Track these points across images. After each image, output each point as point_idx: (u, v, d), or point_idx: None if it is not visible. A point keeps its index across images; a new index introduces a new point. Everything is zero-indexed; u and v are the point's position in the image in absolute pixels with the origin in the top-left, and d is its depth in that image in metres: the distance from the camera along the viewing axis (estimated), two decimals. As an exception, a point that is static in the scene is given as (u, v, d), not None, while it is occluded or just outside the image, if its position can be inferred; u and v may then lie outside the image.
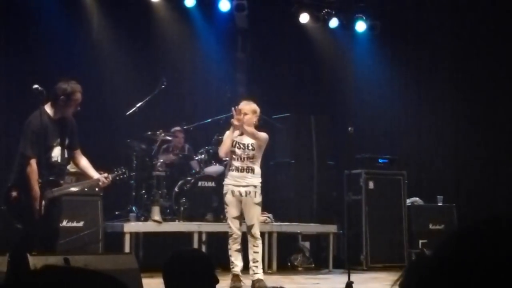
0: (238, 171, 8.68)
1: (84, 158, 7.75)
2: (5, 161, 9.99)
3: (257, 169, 8.75)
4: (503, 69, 12.21)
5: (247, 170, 8.71)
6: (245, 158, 8.70)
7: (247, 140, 8.71)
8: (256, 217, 8.79)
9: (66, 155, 7.52)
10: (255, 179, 8.71)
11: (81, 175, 9.93)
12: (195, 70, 12.75)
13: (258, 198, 8.71)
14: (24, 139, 7.38)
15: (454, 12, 12.62)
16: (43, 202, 7.22)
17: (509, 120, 12.08)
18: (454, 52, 12.60)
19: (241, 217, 8.70)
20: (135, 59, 12.00)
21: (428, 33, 12.80)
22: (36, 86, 7.31)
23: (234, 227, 8.64)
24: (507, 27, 12.07)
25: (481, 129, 12.32)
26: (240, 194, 8.66)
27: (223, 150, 8.72)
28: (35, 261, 5.84)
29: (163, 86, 11.13)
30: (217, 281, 3.81)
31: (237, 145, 8.69)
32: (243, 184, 8.67)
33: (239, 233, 8.64)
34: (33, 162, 7.27)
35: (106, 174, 7.68)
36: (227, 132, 8.80)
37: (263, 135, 8.72)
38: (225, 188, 8.74)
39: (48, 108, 7.46)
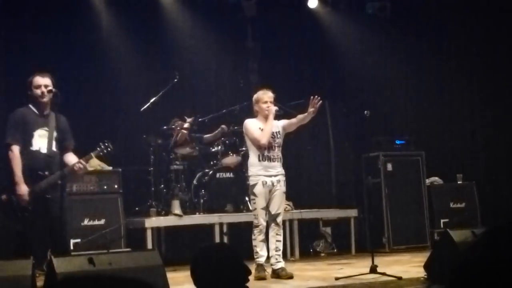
0: (269, 160, 8.69)
1: (72, 154, 7.75)
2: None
3: (282, 158, 8.79)
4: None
5: (277, 159, 8.73)
6: (275, 147, 8.72)
7: (275, 128, 8.73)
8: (283, 205, 8.84)
9: (55, 149, 7.55)
10: (282, 168, 8.76)
11: (100, 173, 10.03)
12: (207, 61, 12.71)
13: (285, 187, 8.76)
14: (6, 130, 7.57)
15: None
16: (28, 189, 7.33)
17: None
18: (469, 31, 12.48)
19: (267, 208, 8.70)
20: (145, 54, 11.98)
21: (442, 12, 12.68)
22: (50, 88, 7.35)
23: (261, 218, 8.64)
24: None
25: (498, 106, 12.23)
26: (272, 184, 8.66)
27: (266, 138, 8.69)
28: (59, 262, 5.85)
29: (175, 80, 11.12)
30: (249, 272, 3.78)
31: None
32: (274, 174, 8.70)
33: (265, 223, 8.66)
34: (15, 148, 7.44)
35: (78, 160, 7.64)
36: (255, 120, 8.79)
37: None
38: (254, 179, 8.70)
39: (32, 105, 7.64)
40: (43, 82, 7.53)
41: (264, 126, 8.69)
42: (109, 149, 7.86)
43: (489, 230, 1.51)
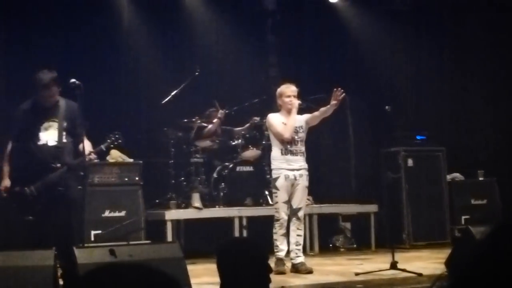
0: (292, 154, 8.69)
1: (86, 143, 7.71)
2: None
3: (305, 153, 8.78)
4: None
5: (300, 153, 8.72)
6: (298, 141, 8.71)
7: (298, 122, 8.72)
8: (304, 200, 8.85)
9: (65, 139, 7.55)
10: (305, 163, 8.75)
11: (121, 165, 10.06)
12: (227, 55, 12.70)
13: (307, 182, 8.75)
14: (10, 127, 7.72)
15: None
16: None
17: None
18: (491, 26, 12.39)
19: (289, 202, 8.69)
20: (167, 47, 12.00)
21: (463, 6, 12.61)
22: (73, 80, 7.36)
23: (283, 212, 8.63)
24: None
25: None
26: (295, 178, 8.65)
27: (289, 132, 8.68)
28: (81, 253, 5.88)
29: (196, 73, 11.14)
30: (270, 271, 3.80)
31: None
32: (297, 168, 8.69)
33: (286, 218, 8.65)
34: (9, 145, 7.60)
35: (89, 151, 7.62)
36: (278, 115, 8.78)
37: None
38: (277, 173, 8.70)
39: (35, 99, 7.67)
40: (44, 78, 7.52)
41: (287, 120, 8.68)
42: (119, 140, 7.87)
43: (494, 228, 1.51)
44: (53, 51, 10.31)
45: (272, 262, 8.50)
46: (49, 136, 7.51)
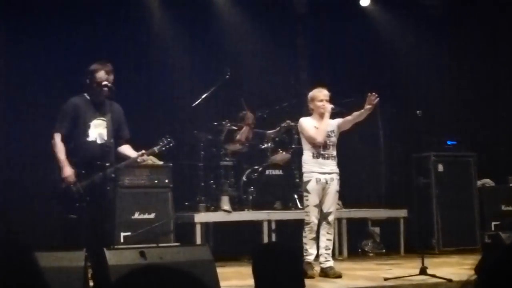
0: (323, 158, 8.68)
1: (129, 146, 7.78)
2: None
3: (336, 157, 8.78)
4: None
5: (332, 157, 8.71)
6: (329, 146, 8.71)
7: (330, 126, 8.71)
8: (335, 204, 8.84)
9: (111, 140, 7.49)
10: (336, 167, 8.74)
11: (151, 167, 10.10)
12: (257, 58, 12.70)
13: (338, 186, 8.74)
14: (57, 119, 7.58)
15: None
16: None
17: None
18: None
19: (320, 205, 8.68)
20: (197, 50, 12.01)
21: (496, 9, 12.50)
22: (105, 82, 7.39)
23: (313, 215, 8.61)
24: None
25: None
26: (326, 182, 8.64)
27: (321, 137, 8.67)
28: (111, 255, 5.91)
29: (226, 76, 11.16)
30: (305, 276, 3.79)
31: None
32: (328, 171, 8.68)
33: (316, 221, 8.63)
34: (56, 136, 7.45)
35: (141, 152, 7.67)
36: (310, 119, 8.77)
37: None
38: (308, 176, 8.69)
39: (87, 94, 7.61)
40: (104, 77, 7.51)
41: (319, 124, 8.67)
42: (171, 144, 7.90)
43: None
44: (81, 51, 10.37)
45: (300, 266, 8.52)
46: (98, 133, 7.46)
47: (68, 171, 7.34)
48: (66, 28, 10.75)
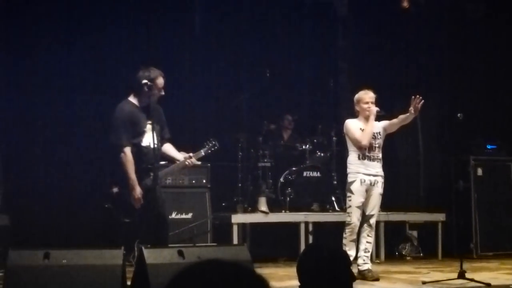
0: (369, 160, 8.64)
1: (170, 145, 7.77)
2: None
3: (381, 159, 8.76)
4: None
5: (377, 159, 8.69)
6: (375, 148, 8.68)
7: (376, 128, 8.69)
8: (378, 207, 8.79)
9: (159, 142, 7.46)
10: (381, 169, 8.72)
11: (190, 167, 10.05)
12: (297, 59, 12.70)
13: (382, 189, 8.71)
14: (113, 130, 7.45)
15: None
16: (142, 191, 7.33)
17: None
18: None
19: (362, 207, 8.65)
20: (237, 51, 12.04)
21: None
22: (145, 81, 7.42)
23: (355, 217, 8.57)
24: None
25: None
26: (371, 183, 8.61)
27: (367, 139, 8.63)
28: (149, 254, 5.93)
29: (267, 75, 11.18)
30: (354, 279, 3.73)
31: None
32: (373, 173, 8.64)
33: (358, 223, 8.58)
34: (127, 150, 7.34)
35: (189, 154, 7.67)
36: (356, 121, 8.75)
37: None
38: (353, 176, 8.64)
39: (132, 99, 7.55)
40: (163, 83, 7.52)
41: (364, 126, 8.64)
42: (216, 147, 7.92)
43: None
44: (114, 55, 10.44)
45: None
46: (150, 138, 7.39)
47: (138, 191, 7.32)
48: (71, 30, 10.82)
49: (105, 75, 10.62)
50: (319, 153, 11.28)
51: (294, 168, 11.08)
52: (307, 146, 11.26)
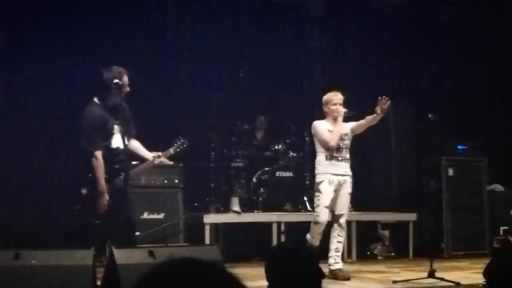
0: (337, 160, 8.71)
1: (135, 140, 7.73)
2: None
3: (349, 160, 8.80)
4: None
5: (345, 160, 8.74)
6: (343, 149, 8.74)
7: (343, 129, 8.75)
8: (347, 207, 8.87)
9: (126, 141, 7.45)
10: (349, 169, 8.77)
11: (161, 167, 10.08)
12: (270, 60, 12.71)
13: (351, 188, 8.77)
14: (84, 134, 7.40)
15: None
16: (111, 194, 7.32)
17: None
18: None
19: (330, 207, 8.69)
20: (209, 51, 12.03)
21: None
22: (116, 80, 7.37)
23: (324, 216, 8.63)
24: None
25: None
26: (339, 183, 8.67)
27: (335, 140, 8.69)
28: (120, 254, 5.93)
29: (240, 75, 11.19)
30: (323, 276, 3.74)
31: None
32: (341, 173, 8.71)
33: (325, 222, 8.66)
34: (98, 154, 7.29)
35: (157, 153, 7.67)
36: (324, 122, 8.78)
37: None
38: (321, 177, 8.70)
39: (98, 100, 7.49)
40: (126, 81, 7.45)
41: (333, 127, 8.69)
42: (185, 145, 7.91)
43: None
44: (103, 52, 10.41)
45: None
46: (118, 139, 7.40)
47: (106, 198, 7.29)
48: (67, 29, 10.78)
49: (71, 75, 10.55)
50: (292, 153, 11.32)
51: (267, 168, 11.11)
52: (280, 146, 11.29)
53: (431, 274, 8.20)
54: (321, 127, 8.78)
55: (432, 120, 8.77)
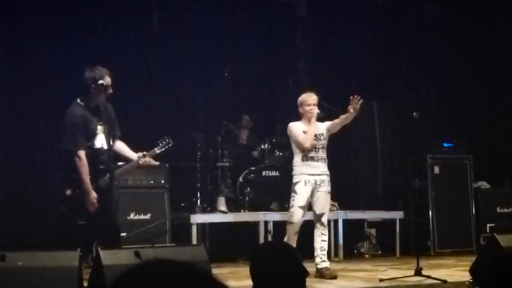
0: (313, 161, 8.72)
1: (119, 141, 7.70)
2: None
3: (326, 159, 8.80)
4: None
5: (321, 160, 8.75)
6: (319, 149, 8.75)
7: (318, 130, 8.74)
8: (328, 205, 8.89)
9: (111, 142, 7.41)
10: (327, 169, 8.79)
11: (147, 168, 10.06)
12: (256, 59, 12.72)
13: (329, 187, 8.78)
14: (67, 134, 7.35)
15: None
16: (96, 194, 7.27)
17: None
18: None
19: (306, 207, 8.70)
20: (196, 51, 12.02)
21: (493, 13, 12.54)
22: (101, 81, 7.36)
23: (298, 216, 8.65)
24: None
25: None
26: (316, 183, 8.69)
27: (309, 142, 8.70)
28: (106, 255, 5.91)
29: (225, 74, 11.19)
30: (306, 274, 3.74)
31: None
32: (318, 173, 8.73)
33: (300, 223, 8.68)
34: (82, 154, 7.26)
35: (142, 153, 7.64)
36: (299, 123, 8.80)
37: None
38: (298, 177, 8.74)
39: (81, 100, 7.44)
40: (110, 81, 7.41)
41: (308, 128, 8.72)
42: (170, 144, 7.90)
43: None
44: (76, 52, 10.38)
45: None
46: (102, 139, 7.37)
47: (93, 196, 7.24)
48: (65, 29, 10.76)
49: (56, 76, 10.51)
50: (278, 153, 11.32)
51: (253, 168, 11.11)
52: (266, 145, 11.29)
53: (418, 272, 8.22)
54: (296, 128, 8.82)
55: (416, 118, 8.80)
